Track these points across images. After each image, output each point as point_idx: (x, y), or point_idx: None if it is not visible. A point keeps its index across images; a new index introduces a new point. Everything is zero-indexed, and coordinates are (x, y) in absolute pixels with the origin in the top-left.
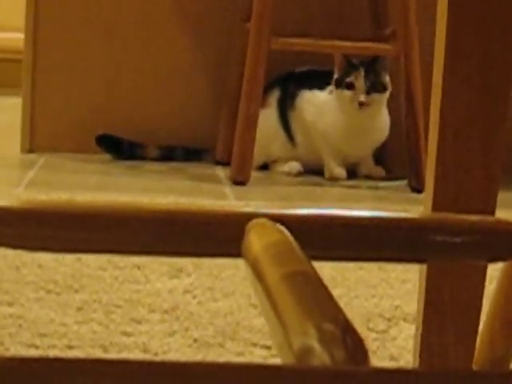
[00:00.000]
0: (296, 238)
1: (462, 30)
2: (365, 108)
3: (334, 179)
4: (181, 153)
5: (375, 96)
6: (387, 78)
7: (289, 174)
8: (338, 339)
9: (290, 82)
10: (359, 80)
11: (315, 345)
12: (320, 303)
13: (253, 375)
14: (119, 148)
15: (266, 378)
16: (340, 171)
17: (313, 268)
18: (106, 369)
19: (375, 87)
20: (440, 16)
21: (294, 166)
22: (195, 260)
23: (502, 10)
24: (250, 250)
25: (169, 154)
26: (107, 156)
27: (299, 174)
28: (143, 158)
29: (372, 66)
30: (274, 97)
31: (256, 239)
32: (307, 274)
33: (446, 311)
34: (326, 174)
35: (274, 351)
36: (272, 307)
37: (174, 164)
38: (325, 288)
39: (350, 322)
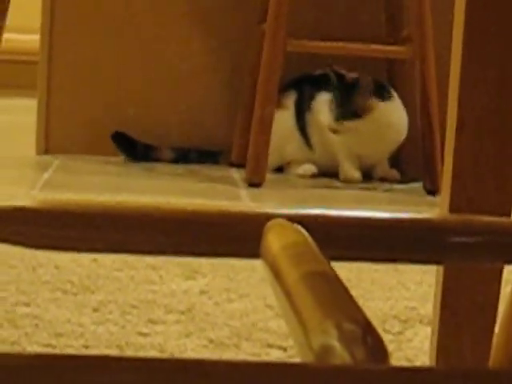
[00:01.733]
0: (314, 238)
1: (479, 34)
2: (345, 131)
3: (348, 181)
4: (195, 155)
5: (346, 123)
6: (367, 103)
7: (303, 176)
8: (359, 338)
9: (306, 84)
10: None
11: (335, 344)
12: (339, 303)
13: (273, 373)
14: (134, 149)
15: (287, 376)
16: (355, 173)
17: (331, 268)
18: (123, 365)
19: (346, 113)
20: (457, 17)
21: (309, 168)
22: (211, 261)
23: None
24: (268, 250)
25: (183, 157)
26: (122, 158)
27: (314, 176)
28: (157, 160)
29: (347, 90)
30: (291, 99)
31: (274, 240)
32: (326, 274)
33: (462, 313)
34: (341, 176)
35: (290, 352)
36: (291, 307)
37: (188, 166)
38: (344, 288)
39: (370, 322)
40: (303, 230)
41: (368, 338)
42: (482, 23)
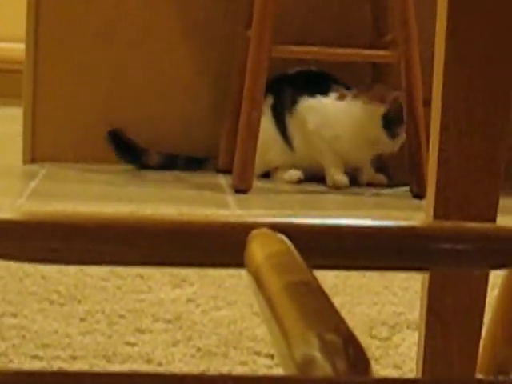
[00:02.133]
0: (297, 247)
1: (461, 33)
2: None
3: (336, 187)
4: (183, 161)
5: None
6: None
7: (289, 181)
8: (340, 349)
9: (282, 87)
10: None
11: (317, 355)
12: (322, 313)
13: None
14: (127, 149)
15: None
16: (342, 178)
17: (314, 278)
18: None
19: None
20: (440, 18)
21: (294, 173)
22: (198, 269)
23: (503, 11)
24: (251, 259)
25: (171, 162)
26: (110, 166)
27: (300, 181)
28: (145, 165)
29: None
30: (267, 104)
31: (258, 249)
32: (309, 284)
33: (448, 318)
34: (329, 182)
35: (277, 360)
36: (274, 317)
37: (176, 173)
38: (326, 298)
39: (352, 332)
40: (286, 240)
41: (350, 348)
42: (466, 22)
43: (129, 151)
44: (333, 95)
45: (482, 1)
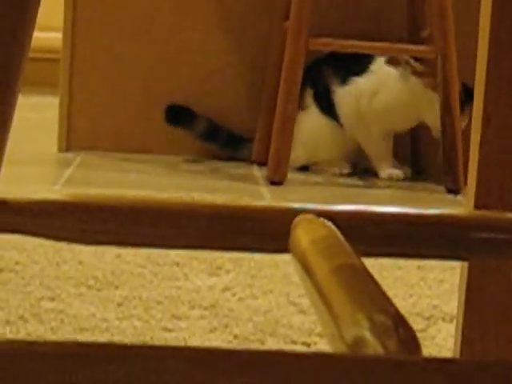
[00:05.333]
0: (343, 233)
1: (506, 30)
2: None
3: (392, 179)
4: (226, 136)
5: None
6: None
7: (339, 174)
8: (390, 330)
9: (319, 71)
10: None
11: (368, 335)
12: (370, 295)
13: (309, 363)
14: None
15: (323, 365)
16: (398, 172)
17: (361, 261)
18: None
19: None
20: (484, 13)
21: (344, 166)
22: (234, 258)
23: None
24: (297, 245)
25: (215, 133)
26: (145, 156)
27: (349, 174)
28: (191, 127)
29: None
30: (309, 96)
31: (303, 234)
32: (356, 268)
33: (486, 309)
34: (383, 175)
35: (313, 348)
36: (323, 300)
37: (211, 163)
38: (374, 281)
39: (401, 314)
40: (331, 225)
41: (400, 329)
42: (509, 17)
43: (182, 115)
44: (380, 59)
45: None
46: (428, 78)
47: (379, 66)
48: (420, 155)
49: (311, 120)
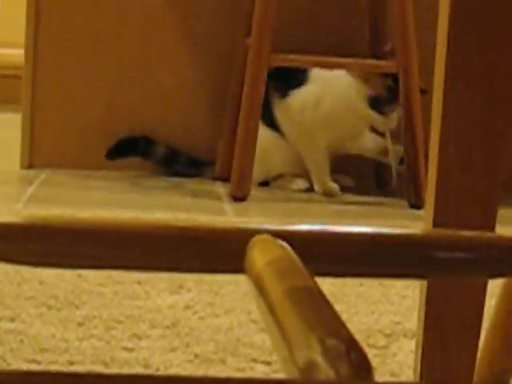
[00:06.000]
0: (297, 254)
1: (462, 47)
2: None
3: (329, 194)
4: (185, 160)
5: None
6: None
7: (297, 190)
8: (343, 354)
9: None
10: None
11: (319, 359)
12: (323, 318)
13: None
14: (136, 145)
15: None
16: (334, 186)
17: (316, 283)
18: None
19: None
20: (441, 27)
21: (301, 182)
22: (195, 276)
23: (505, 20)
24: (252, 265)
25: (173, 158)
26: (108, 172)
27: (307, 190)
28: (151, 156)
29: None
30: None
31: (259, 255)
32: (310, 290)
33: (446, 327)
34: (319, 189)
35: (275, 367)
36: (276, 322)
37: (174, 180)
38: (328, 303)
39: (354, 337)
40: (287, 246)
41: (352, 353)
42: (466, 35)
43: (139, 145)
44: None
45: (484, 10)
46: (373, 81)
47: (318, 73)
48: (384, 168)
49: (260, 135)
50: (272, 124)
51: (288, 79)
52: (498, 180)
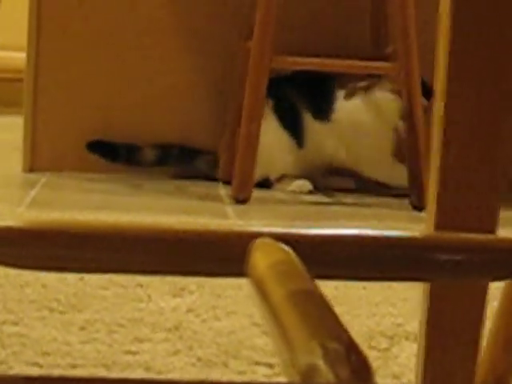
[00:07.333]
0: (299, 257)
1: (463, 49)
2: None
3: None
4: (178, 152)
5: None
6: None
7: (299, 191)
8: (343, 357)
9: (283, 90)
10: None
11: (320, 363)
12: (324, 322)
13: None
14: (115, 152)
15: None
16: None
17: (317, 287)
18: None
19: None
20: (442, 28)
21: (304, 183)
22: (198, 279)
23: (506, 23)
24: (254, 269)
25: (165, 155)
26: (109, 175)
27: (310, 192)
28: (140, 162)
29: None
30: (268, 107)
31: (261, 259)
32: (311, 293)
33: (448, 329)
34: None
35: (276, 370)
36: (277, 326)
37: (176, 182)
38: (329, 307)
39: (354, 341)
40: (289, 249)
41: (352, 357)
42: (467, 39)
43: (118, 153)
44: (340, 93)
45: (485, 13)
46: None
47: (341, 111)
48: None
49: (267, 131)
50: (292, 127)
51: (315, 95)
52: (499, 182)
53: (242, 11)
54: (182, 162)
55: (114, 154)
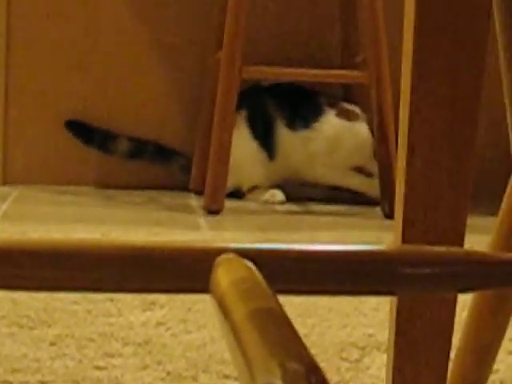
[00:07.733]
0: (264, 272)
1: (427, 55)
2: None
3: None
4: (152, 149)
5: None
6: None
7: (272, 202)
8: (302, 378)
9: (258, 101)
10: None
11: (278, 383)
12: (285, 341)
13: None
14: (90, 135)
15: None
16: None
17: (279, 305)
18: None
19: None
20: (406, 35)
21: (277, 193)
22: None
23: (470, 31)
24: (217, 286)
25: (139, 149)
26: (81, 188)
27: (282, 202)
28: (113, 151)
29: None
30: (241, 117)
31: (223, 275)
32: (273, 312)
33: (417, 341)
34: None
35: None
36: (237, 344)
37: (148, 193)
38: (290, 326)
39: (315, 361)
40: (252, 266)
41: (312, 377)
42: (432, 42)
43: (93, 137)
44: (331, 112)
45: (449, 21)
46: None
47: (327, 124)
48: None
49: (239, 141)
50: (264, 138)
51: (296, 107)
52: (468, 193)
53: (211, 21)
54: (156, 159)
55: (89, 138)
